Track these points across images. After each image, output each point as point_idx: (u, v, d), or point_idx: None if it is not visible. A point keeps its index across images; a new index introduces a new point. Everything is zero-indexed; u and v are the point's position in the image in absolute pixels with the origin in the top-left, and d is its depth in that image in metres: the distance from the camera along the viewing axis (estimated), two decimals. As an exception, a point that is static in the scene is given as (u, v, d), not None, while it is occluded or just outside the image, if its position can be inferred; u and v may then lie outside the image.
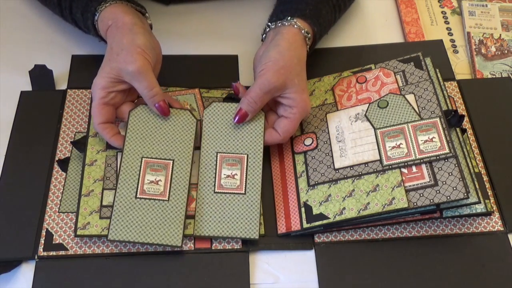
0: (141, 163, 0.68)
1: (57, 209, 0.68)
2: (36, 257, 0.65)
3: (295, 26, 0.72)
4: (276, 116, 0.72)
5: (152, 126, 0.70)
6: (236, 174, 0.68)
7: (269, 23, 0.75)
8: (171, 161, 0.68)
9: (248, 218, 0.66)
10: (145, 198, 0.66)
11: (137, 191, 0.66)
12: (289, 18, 0.73)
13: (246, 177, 0.68)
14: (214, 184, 0.68)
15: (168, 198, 0.66)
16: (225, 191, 0.67)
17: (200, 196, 0.67)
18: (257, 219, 0.66)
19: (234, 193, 0.67)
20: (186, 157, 0.69)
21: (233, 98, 0.74)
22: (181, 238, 0.64)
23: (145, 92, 0.68)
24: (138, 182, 0.67)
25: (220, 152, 0.70)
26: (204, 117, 0.72)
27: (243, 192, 0.67)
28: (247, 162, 0.69)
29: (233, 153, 0.70)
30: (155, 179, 0.67)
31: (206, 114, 0.72)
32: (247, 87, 0.78)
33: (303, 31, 0.72)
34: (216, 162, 0.69)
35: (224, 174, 0.68)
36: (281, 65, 0.68)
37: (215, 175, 0.68)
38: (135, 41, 0.68)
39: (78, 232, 0.65)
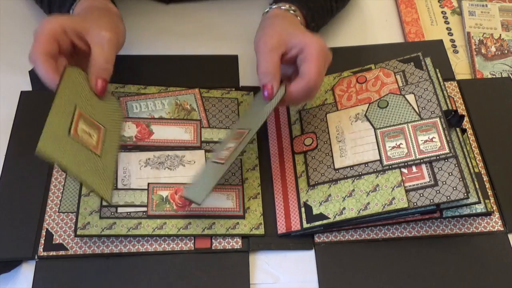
0: (74, 109, 0.65)
1: (57, 209, 0.68)
2: (36, 257, 0.65)
3: (282, 8, 0.72)
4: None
5: (87, 90, 0.68)
6: (230, 147, 0.67)
7: (264, 13, 0.75)
8: (103, 128, 0.67)
9: (202, 186, 0.65)
10: (77, 142, 0.63)
11: (70, 129, 0.63)
12: (274, 5, 0.73)
13: (234, 150, 0.66)
14: (216, 155, 0.68)
15: (100, 155, 0.65)
16: (217, 161, 0.67)
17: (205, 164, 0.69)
18: (207, 189, 0.64)
19: (219, 163, 0.66)
20: (116, 130, 0.69)
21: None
22: (110, 195, 0.65)
23: (101, 60, 0.67)
24: (71, 123, 0.64)
25: (238, 128, 0.70)
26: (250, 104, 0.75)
27: (223, 163, 0.66)
28: (246, 136, 0.67)
29: (240, 129, 0.69)
30: (88, 131, 0.65)
31: (251, 102, 0.75)
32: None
33: (290, 11, 0.72)
34: (230, 137, 0.70)
35: (227, 146, 0.68)
36: (269, 28, 0.68)
37: (222, 148, 0.69)
38: (108, 19, 0.69)
39: (78, 232, 0.65)
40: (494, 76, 0.84)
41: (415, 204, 0.63)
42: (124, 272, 0.65)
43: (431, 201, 0.63)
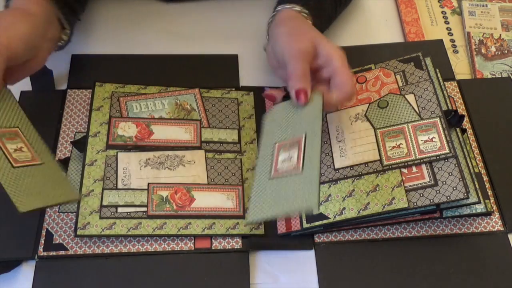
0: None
1: (57, 209, 0.68)
2: (36, 257, 0.65)
3: (294, 9, 0.71)
4: (325, 86, 0.67)
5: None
6: (292, 157, 0.64)
7: (269, 20, 0.75)
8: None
9: (306, 192, 0.59)
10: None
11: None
12: (286, 4, 0.72)
13: (303, 156, 0.62)
14: (270, 172, 0.64)
15: (42, 160, 0.63)
16: (280, 175, 0.63)
17: (255, 188, 0.63)
18: (316, 191, 0.58)
19: (291, 175, 0.62)
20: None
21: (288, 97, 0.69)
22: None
23: None
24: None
25: (277, 142, 0.66)
26: (263, 122, 0.69)
27: (299, 171, 0.62)
28: (304, 141, 0.64)
29: (290, 139, 0.65)
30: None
31: (266, 120, 0.69)
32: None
33: (303, 13, 0.71)
34: (273, 152, 0.65)
35: (281, 159, 0.64)
36: (295, 33, 0.67)
37: (271, 164, 0.64)
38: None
39: (78, 232, 0.65)
40: (494, 76, 0.84)
41: (415, 204, 0.63)
42: (124, 272, 0.65)
43: (431, 201, 0.63)
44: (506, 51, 0.87)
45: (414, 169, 0.66)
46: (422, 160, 0.65)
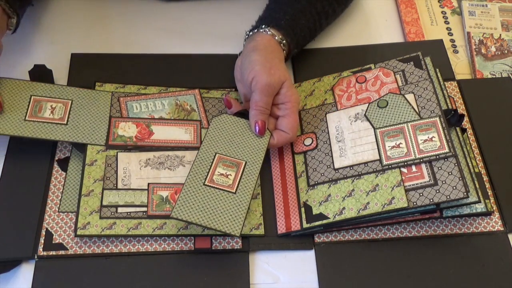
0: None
1: (57, 209, 0.68)
2: (36, 256, 0.65)
3: (268, 33, 0.75)
4: (273, 119, 0.73)
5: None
6: (230, 175, 0.68)
7: (247, 31, 0.78)
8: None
9: (233, 215, 0.65)
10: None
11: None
12: (263, 26, 0.75)
13: (239, 180, 0.68)
14: (205, 178, 0.67)
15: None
16: (215, 186, 0.67)
17: (187, 184, 0.66)
18: (242, 218, 0.65)
19: (224, 190, 0.67)
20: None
21: (243, 113, 0.74)
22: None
23: None
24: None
25: (219, 153, 0.70)
26: (211, 124, 0.72)
27: (233, 191, 0.67)
28: (244, 168, 0.69)
29: (231, 157, 0.70)
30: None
31: (214, 122, 0.72)
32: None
33: (276, 37, 0.75)
34: (213, 160, 0.69)
35: (218, 172, 0.68)
36: (269, 66, 0.70)
37: (208, 171, 0.68)
38: None
39: (78, 232, 0.65)
40: (494, 76, 0.84)
41: (414, 203, 0.63)
42: (124, 272, 0.65)
43: (431, 200, 0.63)
44: (506, 51, 0.87)
45: (413, 168, 0.66)
46: (421, 160, 0.65)
